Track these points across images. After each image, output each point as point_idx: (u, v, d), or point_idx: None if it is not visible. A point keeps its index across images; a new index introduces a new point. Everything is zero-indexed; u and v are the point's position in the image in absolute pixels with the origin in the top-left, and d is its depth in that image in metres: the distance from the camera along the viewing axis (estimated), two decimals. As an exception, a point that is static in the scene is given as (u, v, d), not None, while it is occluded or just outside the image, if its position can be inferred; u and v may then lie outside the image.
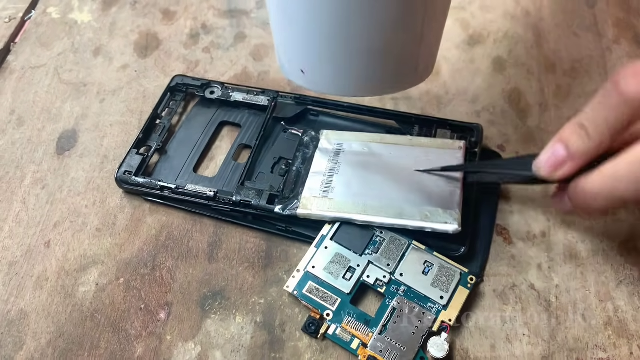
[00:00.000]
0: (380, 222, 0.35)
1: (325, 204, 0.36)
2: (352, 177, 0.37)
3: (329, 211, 0.36)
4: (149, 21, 0.51)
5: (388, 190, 0.36)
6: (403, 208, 0.35)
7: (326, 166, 0.38)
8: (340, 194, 0.36)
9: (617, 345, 0.33)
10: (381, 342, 0.32)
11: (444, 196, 0.35)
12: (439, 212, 0.35)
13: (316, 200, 0.36)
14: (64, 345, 0.34)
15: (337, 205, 0.36)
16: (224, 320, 0.35)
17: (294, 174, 0.39)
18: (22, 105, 0.45)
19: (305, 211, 0.36)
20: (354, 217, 0.35)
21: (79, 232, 0.38)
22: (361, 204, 0.36)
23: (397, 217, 0.35)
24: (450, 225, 0.34)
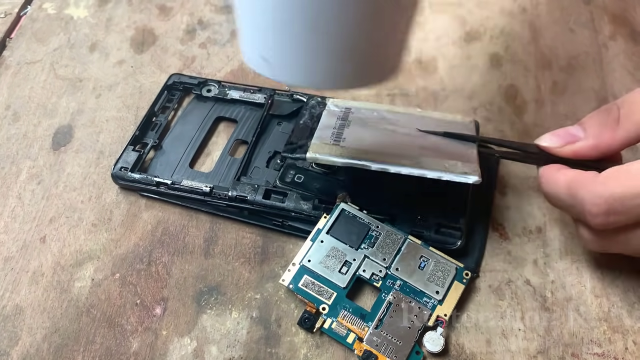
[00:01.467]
0: (397, 170, 0.33)
1: (337, 150, 0.34)
2: (364, 132, 0.36)
3: (341, 156, 0.34)
4: (145, 17, 0.51)
5: (402, 145, 0.35)
6: (421, 159, 0.34)
7: (335, 122, 0.37)
8: (353, 143, 0.35)
9: (612, 340, 0.33)
10: (377, 336, 0.32)
11: (460, 152, 0.34)
12: (457, 165, 0.33)
13: (327, 146, 0.35)
14: (60, 341, 0.34)
15: (350, 151, 0.34)
16: (219, 316, 0.34)
17: (301, 126, 0.38)
18: (18, 101, 0.45)
19: (314, 155, 0.34)
20: (368, 164, 0.33)
21: (75, 228, 0.38)
22: (376, 152, 0.34)
23: (414, 166, 0.33)
24: (471, 176, 0.33)
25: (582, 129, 0.31)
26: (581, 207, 0.29)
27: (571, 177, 0.30)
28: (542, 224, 0.38)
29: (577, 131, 0.31)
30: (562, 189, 0.30)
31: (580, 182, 0.29)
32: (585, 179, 0.29)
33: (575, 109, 0.43)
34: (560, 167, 0.31)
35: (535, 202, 0.39)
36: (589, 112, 0.42)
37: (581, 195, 0.29)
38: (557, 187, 0.31)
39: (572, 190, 0.29)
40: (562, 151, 0.31)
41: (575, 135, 0.31)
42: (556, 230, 0.37)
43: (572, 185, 0.30)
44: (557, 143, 0.32)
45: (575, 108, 0.43)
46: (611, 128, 0.30)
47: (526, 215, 0.38)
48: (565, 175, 0.30)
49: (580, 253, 0.36)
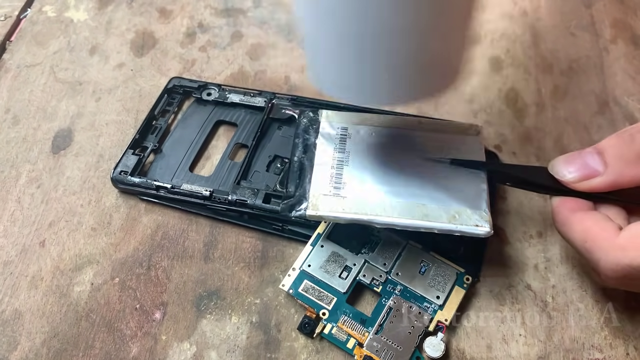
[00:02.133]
0: (404, 225, 0.31)
1: (339, 204, 0.32)
2: (364, 170, 0.34)
3: (344, 212, 0.32)
4: (145, 20, 0.51)
5: (406, 185, 0.33)
6: (427, 208, 0.32)
7: (332, 156, 0.35)
8: (354, 191, 0.33)
9: (613, 345, 0.33)
10: (377, 341, 0.32)
11: (469, 192, 0.33)
12: (467, 213, 0.32)
13: (327, 199, 0.32)
14: (59, 345, 0.34)
15: (353, 205, 0.32)
16: (219, 320, 0.34)
17: (297, 165, 0.35)
18: (17, 104, 0.45)
19: (315, 212, 0.32)
20: (373, 219, 0.31)
21: (74, 232, 0.38)
22: (380, 204, 0.32)
23: (422, 218, 0.31)
24: (482, 228, 0.31)
25: (601, 161, 0.29)
26: (596, 265, 0.28)
27: (588, 231, 0.29)
28: (542, 229, 0.38)
29: (595, 164, 0.29)
30: (578, 240, 0.29)
31: (597, 241, 0.28)
32: (603, 239, 0.28)
33: (576, 113, 0.43)
34: (575, 208, 0.30)
35: (536, 207, 0.38)
36: (589, 116, 0.43)
37: (597, 256, 0.28)
38: (572, 235, 0.30)
39: (588, 246, 0.28)
40: (578, 186, 0.30)
41: (593, 169, 0.29)
42: (557, 235, 0.37)
43: (589, 241, 0.28)
44: (573, 177, 0.30)
45: (576, 112, 0.43)
46: (634, 164, 0.28)
47: (527, 219, 0.38)
48: (580, 224, 0.29)
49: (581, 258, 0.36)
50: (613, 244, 0.27)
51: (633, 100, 0.44)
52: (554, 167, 0.31)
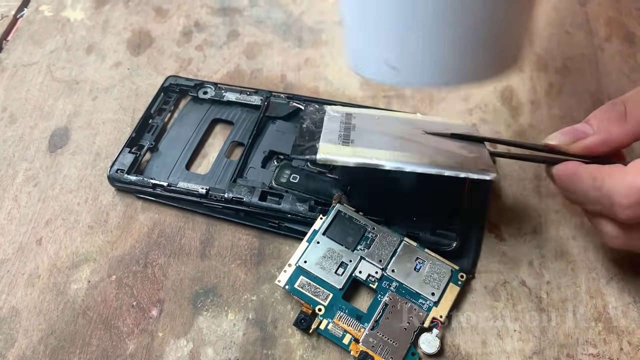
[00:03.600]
0: (413, 169, 0.31)
1: (348, 150, 0.32)
2: (371, 135, 0.34)
3: (353, 156, 0.32)
4: (142, 19, 0.51)
5: (412, 148, 0.33)
6: (435, 157, 0.32)
7: (339, 126, 0.36)
8: (361, 144, 0.33)
9: (607, 340, 0.33)
10: (373, 337, 0.32)
11: (471, 151, 0.33)
12: (473, 162, 0.32)
13: (336, 147, 0.33)
14: (56, 343, 0.34)
15: (362, 151, 0.32)
16: (216, 317, 0.35)
17: (305, 130, 0.35)
18: (14, 103, 0.45)
19: (325, 155, 0.32)
20: (382, 163, 0.31)
21: (71, 230, 0.38)
22: (389, 152, 0.32)
23: (429, 164, 0.31)
24: (489, 173, 0.31)
25: (589, 125, 0.31)
26: (609, 199, 0.28)
27: (596, 170, 0.29)
28: (537, 225, 0.38)
29: (585, 128, 0.31)
30: (587, 183, 0.29)
31: (607, 174, 0.28)
32: (612, 170, 0.28)
33: (571, 111, 0.43)
34: (578, 164, 0.31)
35: (531, 204, 0.39)
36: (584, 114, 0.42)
37: (609, 187, 0.28)
38: (580, 182, 0.30)
39: (598, 182, 0.28)
40: (572, 148, 0.31)
41: (583, 131, 0.31)
42: (551, 231, 0.37)
43: (599, 177, 0.28)
44: (566, 140, 0.31)
45: (571, 110, 0.43)
46: (619, 122, 0.30)
47: (521, 216, 0.38)
48: (588, 170, 0.29)
49: (576, 254, 0.36)
50: (623, 171, 0.28)
51: (627, 98, 0.44)
52: (549, 138, 0.32)
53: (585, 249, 0.37)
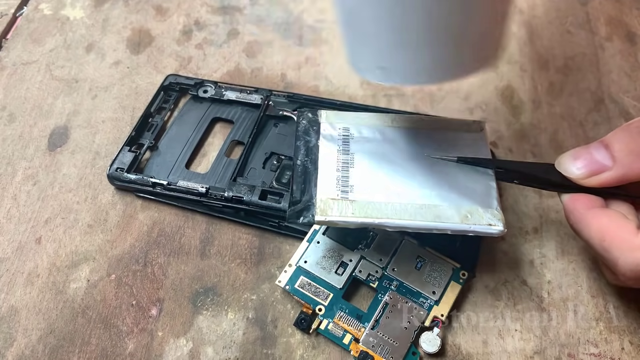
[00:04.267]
0: (416, 227, 0.30)
1: (348, 208, 0.31)
2: (371, 172, 0.33)
3: (354, 217, 0.30)
4: (142, 17, 0.51)
5: (415, 186, 0.32)
6: (438, 208, 0.31)
7: (337, 158, 0.34)
8: (362, 193, 0.32)
9: (608, 340, 0.33)
10: (373, 337, 0.32)
11: (478, 190, 0.32)
12: (479, 212, 0.31)
13: (335, 203, 0.31)
14: (55, 342, 0.34)
15: (362, 208, 0.31)
16: (215, 317, 0.34)
17: (300, 170, 0.33)
18: (14, 102, 0.45)
19: (324, 218, 0.31)
20: (385, 222, 0.30)
21: (70, 229, 0.38)
22: (390, 206, 0.31)
23: (434, 220, 0.30)
24: (495, 227, 0.30)
25: (609, 156, 0.29)
26: (613, 264, 0.28)
27: (606, 229, 0.28)
28: (538, 225, 0.38)
29: (603, 158, 0.29)
30: (595, 238, 0.28)
31: (616, 241, 0.27)
32: (621, 239, 0.27)
33: (572, 110, 0.43)
34: (589, 205, 0.29)
35: (532, 203, 0.39)
36: (585, 113, 0.43)
37: (616, 255, 0.27)
38: (588, 233, 0.29)
39: (606, 245, 0.28)
40: (587, 182, 0.29)
41: (602, 164, 0.29)
42: (552, 230, 0.37)
43: (607, 240, 0.28)
44: (581, 173, 0.29)
45: (572, 109, 0.43)
46: None
47: (522, 215, 0.38)
48: (597, 223, 0.28)
49: (577, 253, 0.36)
50: (632, 244, 0.27)
51: (628, 97, 0.44)
52: (561, 164, 0.31)
53: (587, 249, 0.36)
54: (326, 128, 0.35)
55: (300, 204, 0.32)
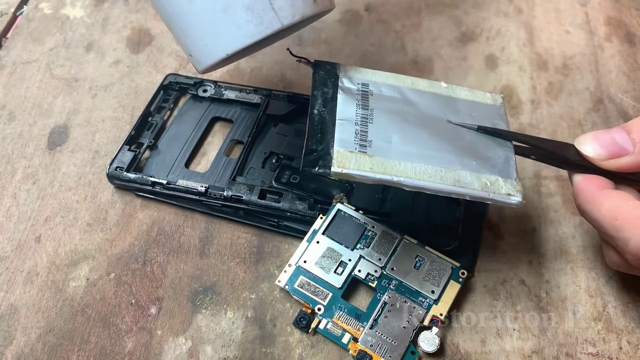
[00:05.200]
0: (435, 189, 0.29)
1: (366, 163, 0.29)
2: (391, 129, 0.31)
3: (372, 172, 0.29)
4: (142, 17, 0.51)
5: (435, 149, 0.31)
6: (458, 173, 0.30)
7: (355, 112, 0.32)
8: (381, 150, 0.30)
9: (606, 340, 0.33)
10: (372, 336, 0.32)
11: (497, 160, 0.31)
12: (499, 182, 0.30)
13: (353, 156, 0.29)
14: (54, 340, 0.34)
15: (381, 165, 0.29)
16: (214, 315, 0.34)
17: (317, 119, 0.31)
18: (14, 101, 0.45)
19: (341, 169, 0.29)
20: (403, 181, 0.29)
21: (70, 227, 0.38)
22: (410, 166, 0.29)
23: (453, 184, 0.29)
24: (514, 197, 0.29)
25: (630, 140, 0.29)
26: (623, 244, 0.27)
27: (617, 208, 0.28)
28: (537, 224, 0.38)
29: (624, 141, 0.29)
30: (606, 218, 0.28)
31: (627, 218, 0.27)
32: (634, 218, 0.27)
33: (571, 110, 0.43)
34: (601, 186, 0.29)
35: (530, 203, 0.39)
36: (584, 113, 0.43)
37: (627, 235, 0.27)
38: (598, 213, 0.29)
39: (618, 224, 0.27)
40: (606, 164, 0.29)
41: (622, 147, 0.29)
42: (551, 230, 0.37)
43: (619, 218, 0.27)
44: (601, 154, 0.29)
45: (571, 109, 0.43)
46: None
47: (521, 215, 0.38)
48: (609, 202, 0.28)
49: (575, 253, 0.36)
50: None
51: (627, 98, 0.44)
52: (581, 143, 0.30)
53: (585, 248, 0.37)
54: (345, 81, 0.33)
55: (316, 154, 0.29)
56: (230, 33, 0.29)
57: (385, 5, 0.52)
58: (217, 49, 0.30)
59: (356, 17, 0.51)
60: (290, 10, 0.29)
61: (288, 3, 0.29)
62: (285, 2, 0.29)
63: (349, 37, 0.49)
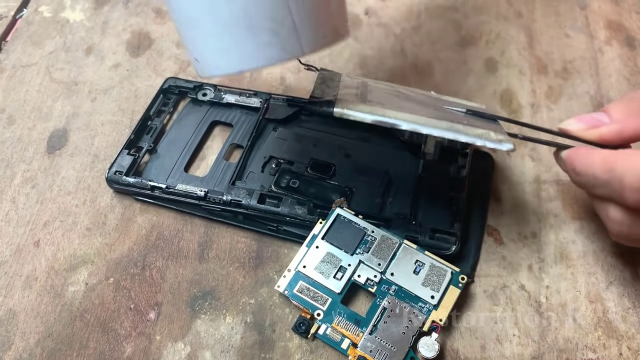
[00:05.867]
0: (429, 132, 0.30)
1: (365, 108, 0.31)
2: (387, 99, 0.34)
3: (371, 113, 0.30)
4: (141, 20, 0.51)
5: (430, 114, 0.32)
6: (453, 125, 0.31)
7: (356, 87, 0.35)
8: (379, 104, 0.32)
9: (606, 345, 0.33)
10: (371, 342, 0.32)
11: (488, 125, 0.32)
12: (490, 133, 0.31)
13: (354, 104, 0.31)
14: (53, 345, 0.34)
15: (379, 110, 0.31)
16: (213, 321, 0.34)
17: (321, 83, 0.34)
18: (13, 104, 0.45)
19: (343, 109, 0.30)
20: (399, 122, 0.30)
21: (69, 232, 0.38)
22: (406, 114, 0.31)
23: (448, 129, 0.30)
24: (505, 144, 0.30)
25: (606, 115, 0.31)
26: (619, 182, 0.28)
27: (607, 154, 0.29)
28: (537, 229, 0.38)
29: (601, 117, 0.31)
30: (598, 166, 0.29)
31: (619, 157, 0.29)
32: (624, 153, 0.29)
33: (571, 114, 0.43)
34: (590, 148, 0.31)
35: (530, 208, 0.39)
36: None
37: (620, 169, 0.28)
38: (591, 165, 0.30)
39: (610, 165, 0.29)
40: (586, 134, 0.31)
41: (599, 120, 0.31)
42: (551, 235, 0.37)
43: (610, 160, 0.29)
44: (581, 127, 0.32)
45: (571, 113, 0.43)
46: (636, 115, 0.30)
47: (521, 220, 0.38)
48: (600, 153, 0.30)
49: (575, 258, 0.36)
50: (635, 153, 0.28)
51: (627, 102, 0.44)
52: (565, 124, 0.33)
53: (585, 254, 0.36)
54: (346, 79, 0.36)
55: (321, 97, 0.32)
56: (249, 51, 0.29)
57: (385, 8, 0.51)
58: (230, 63, 0.30)
59: (356, 20, 0.51)
60: (314, 39, 0.29)
61: (313, 32, 0.29)
62: (310, 31, 0.29)
63: (349, 40, 0.49)
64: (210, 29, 0.29)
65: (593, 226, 0.38)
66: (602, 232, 0.37)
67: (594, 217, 0.38)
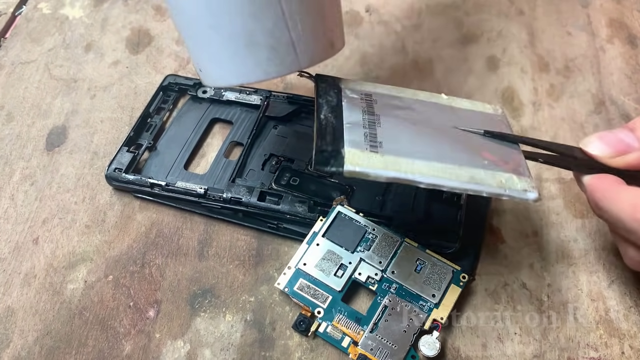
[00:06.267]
0: (451, 186, 0.28)
1: (379, 161, 0.28)
2: (399, 132, 0.31)
3: (386, 169, 0.28)
4: (141, 17, 0.51)
5: (447, 149, 0.30)
6: (473, 171, 0.29)
7: (362, 117, 0.31)
8: (392, 150, 0.29)
9: (608, 344, 0.33)
10: (372, 340, 0.32)
11: (507, 158, 0.31)
12: (513, 179, 0.29)
13: (365, 155, 0.28)
14: (51, 343, 0.33)
15: (394, 163, 0.28)
16: (213, 319, 0.34)
17: (324, 123, 0.30)
18: (12, 101, 0.45)
19: (354, 168, 0.27)
20: (419, 179, 0.28)
21: (68, 229, 0.38)
22: (424, 164, 0.28)
23: (469, 180, 0.28)
24: (530, 193, 0.28)
25: (636, 138, 0.28)
26: None
27: (638, 198, 0.27)
28: (538, 228, 0.37)
29: (629, 139, 0.28)
30: (626, 212, 0.27)
31: None
32: None
33: (572, 112, 0.43)
34: (617, 182, 0.28)
35: (532, 206, 0.38)
36: (585, 115, 0.43)
37: None
38: (618, 207, 0.27)
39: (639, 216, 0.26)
40: (613, 162, 0.29)
41: (628, 144, 0.28)
42: (552, 233, 0.37)
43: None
44: (607, 152, 0.29)
45: (572, 111, 0.43)
46: None
47: (522, 218, 0.38)
48: (629, 195, 0.27)
49: (577, 256, 0.36)
50: None
51: (629, 100, 0.44)
52: (587, 144, 0.30)
53: (587, 252, 0.36)
54: (347, 92, 0.33)
55: (327, 153, 0.28)
56: (249, 66, 0.30)
57: (386, 6, 0.51)
58: (231, 77, 0.31)
59: (357, 18, 0.50)
60: (311, 54, 0.31)
61: (310, 47, 0.30)
62: (307, 46, 0.30)
63: (350, 38, 0.49)
64: (211, 46, 0.30)
65: (594, 225, 0.38)
66: (604, 230, 0.37)
67: (595, 216, 0.38)
